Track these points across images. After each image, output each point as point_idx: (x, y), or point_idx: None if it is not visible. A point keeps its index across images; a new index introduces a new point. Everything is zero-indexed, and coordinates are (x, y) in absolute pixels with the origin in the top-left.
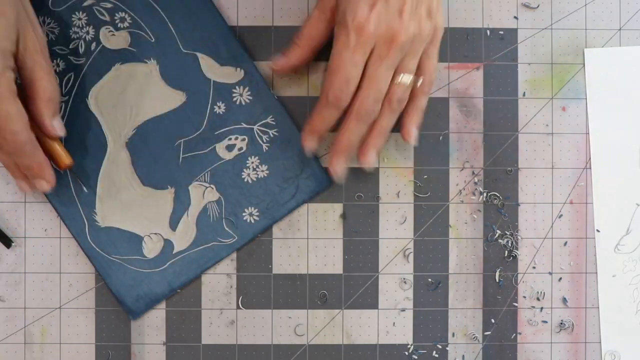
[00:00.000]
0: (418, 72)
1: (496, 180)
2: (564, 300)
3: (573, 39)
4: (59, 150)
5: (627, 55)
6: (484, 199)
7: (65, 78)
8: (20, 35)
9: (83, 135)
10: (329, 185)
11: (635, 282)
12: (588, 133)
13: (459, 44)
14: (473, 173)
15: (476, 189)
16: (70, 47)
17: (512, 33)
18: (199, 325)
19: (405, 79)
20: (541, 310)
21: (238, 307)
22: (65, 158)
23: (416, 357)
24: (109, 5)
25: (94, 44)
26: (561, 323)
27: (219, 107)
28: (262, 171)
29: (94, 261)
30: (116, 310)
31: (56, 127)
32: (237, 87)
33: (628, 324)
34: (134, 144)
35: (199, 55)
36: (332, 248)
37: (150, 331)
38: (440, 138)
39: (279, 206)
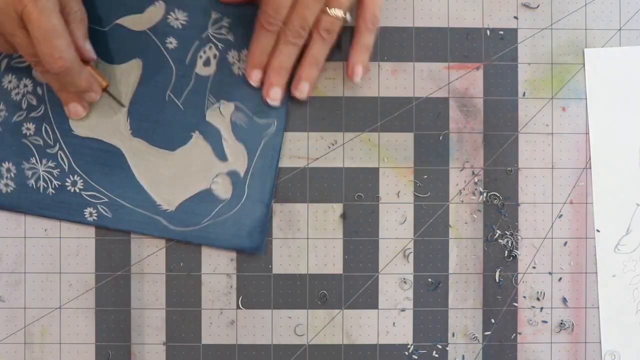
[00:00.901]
0: (359, 11)
1: (496, 180)
2: (564, 300)
3: (573, 39)
4: (96, 71)
5: (627, 55)
6: (484, 199)
7: None
8: None
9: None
10: None
11: (635, 282)
12: (588, 133)
13: (459, 44)
14: (473, 173)
15: (476, 189)
16: None
17: (512, 33)
18: (199, 325)
19: (334, 11)
20: (541, 310)
21: (238, 307)
22: (102, 80)
23: (416, 357)
24: None
25: None
26: (561, 323)
27: (171, 42)
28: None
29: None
30: (116, 310)
31: (89, 49)
32: (170, 13)
33: (628, 324)
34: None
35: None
36: (332, 248)
37: (150, 331)
38: (440, 138)
39: None
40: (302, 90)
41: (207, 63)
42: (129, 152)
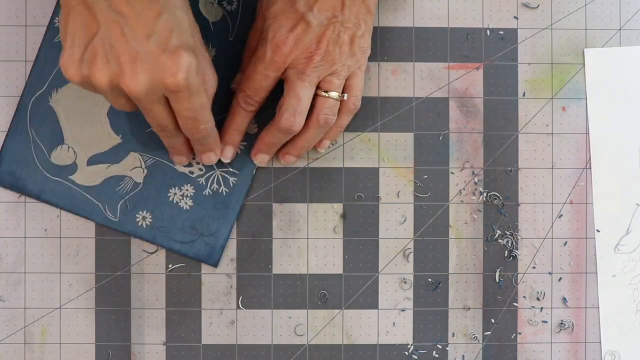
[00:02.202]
0: (344, 91)
1: (496, 180)
2: (564, 300)
3: (573, 39)
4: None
5: (627, 55)
6: (484, 199)
7: None
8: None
9: None
10: None
11: (635, 282)
12: (588, 133)
13: (459, 44)
14: (473, 173)
15: (476, 189)
16: None
17: (512, 33)
18: (199, 325)
19: (331, 94)
20: (541, 310)
21: (238, 307)
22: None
23: (416, 357)
24: None
25: None
26: (561, 323)
27: None
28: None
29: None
30: (116, 310)
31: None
32: None
33: (628, 324)
34: None
35: None
36: (332, 248)
37: (150, 331)
38: (440, 138)
39: None
40: (288, 163)
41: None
42: None
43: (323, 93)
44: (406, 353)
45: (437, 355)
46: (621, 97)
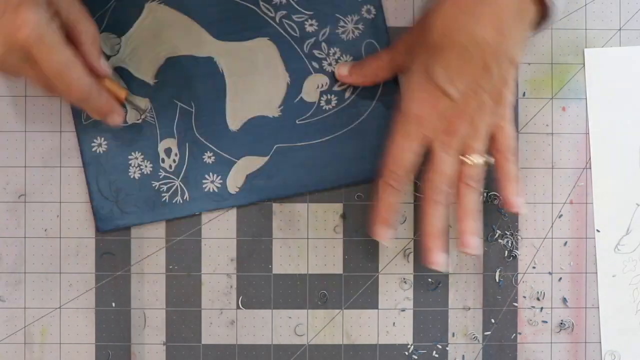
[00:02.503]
0: (493, 145)
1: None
2: (564, 300)
3: (573, 39)
4: (114, 86)
5: (627, 55)
6: (484, 199)
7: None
8: None
9: None
10: None
11: (635, 282)
12: (588, 133)
13: None
14: None
15: None
16: None
17: None
18: (199, 325)
19: (474, 159)
20: (541, 310)
21: (238, 307)
22: (121, 91)
23: (416, 357)
24: None
25: None
26: (561, 323)
27: None
28: None
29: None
30: (116, 310)
31: (104, 66)
32: None
33: (628, 324)
34: None
35: None
36: (332, 248)
37: (150, 331)
38: None
39: None
40: (472, 248)
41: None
42: None
43: (468, 160)
44: (406, 353)
45: (437, 355)
46: (621, 97)
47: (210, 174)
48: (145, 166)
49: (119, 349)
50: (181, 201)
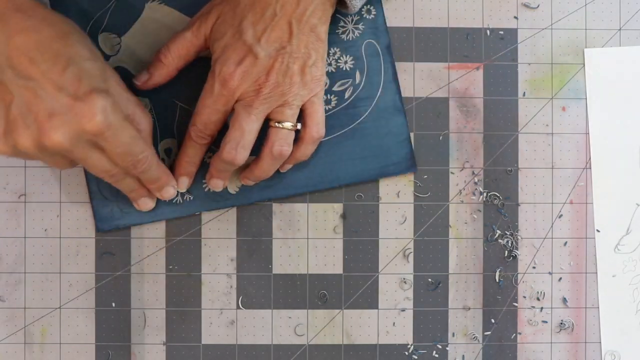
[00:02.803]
0: (302, 121)
1: (496, 180)
2: (564, 300)
3: (573, 39)
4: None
5: (627, 55)
6: (484, 199)
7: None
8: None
9: None
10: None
11: (635, 282)
12: (588, 133)
13: (459, 44)
14: (473, 173)
15: (476, 189)
16: None
17: (512, 33)
18: (199, 325)
19: (285, 124)
20: (541, 310)
21: (238, 307)
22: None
23: (416, 357)
24: None
25: None
26: (561, 323)
27: None
28: None
29: None
30: (116, 310)
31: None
32: None
33: (628, 324)
34: None
35: None
36: (332, 248)
37: (150, 331)
38: (440, 138)
39: None
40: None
41: None
42: None
43: (276, 124)
44: (406, 353)
45: (437, 355)
46: (621, 97)
47: None
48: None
49: (119, 349)
50: (181, 201)
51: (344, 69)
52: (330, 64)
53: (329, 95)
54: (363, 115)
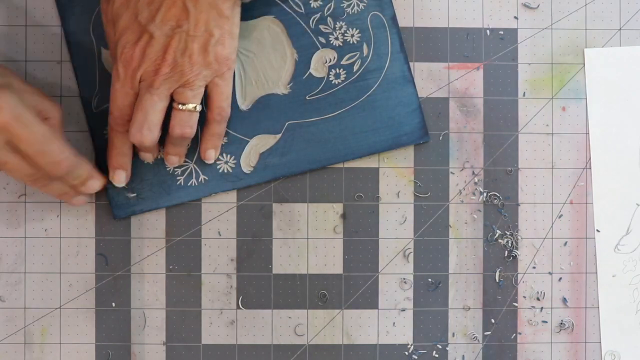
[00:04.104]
0: (207, 100)
1: (496, 180)
2: (564, 300)
3: (573, 39)
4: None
5: (627, 55)
6: (484, 199)
7: None
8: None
9: None
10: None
11: (635, 282)
12: (588, 133)
13: (459, 44)
14: (473, 173)
15: (476, 189)
16: None
17: (512, 33)
18: (199, 325)
19: (187, 106)
20: (541, 310)
21: (238, 307)
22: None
23: (416, 357)
24: None
25: None
26: (561, 323)
27: None
28: None
29: None
30: (116, 310)
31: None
32: None
33: (628, 324)
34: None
35: None
36: (332, 248)
37: (150, 331)
38: (440, 138)
39: None
40: (170, 164)
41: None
42: None
43: (178, 106)
44: (406, 353)
45: (437, 355)
46: (621, 97)
47: (224, 154)
48: (159, 150)
49: (119, 349)
50: (196, 183)
51: (351, 42)
52: (337, 38)
53: (337, 70)
54: (372, 87)
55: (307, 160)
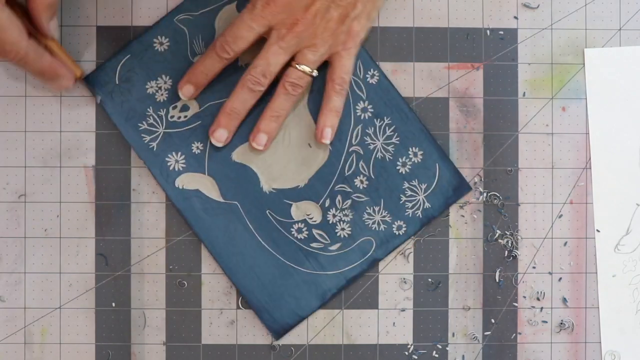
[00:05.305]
0: (328, 71)
1: (496, 180)
2: (564, 300)
3: (573, 39)
4: (62, 52)
5: (627, 55)
6: (484, 199)
7: None
8: None
9: None
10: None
11: (635, 282)
12: (588, 133)
13: (459, 44)
14: (473, 173)
15: (476, 189)
16: None
17: (512, 33)
18: (199, 325)
19: (301, 67)
20: (541, 310)
21: (238, 307)
22: (76, 69)
23: (416, 357)
24: None
25: None
26: (561, 323)
27: None
28: None
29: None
30: (116, 310)
31: (51, 28)
32: None
33: (628, 324)
34: None
35: None
36: None
37: (150, 331)
38: (440, 138)
39: None
40: (259, 143)
41: None
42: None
43: (295, 65)
44: (406, 353)
45: (437, 355)
46: (621, 97)
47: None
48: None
49: (119, 349)
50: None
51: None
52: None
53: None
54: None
55: None
